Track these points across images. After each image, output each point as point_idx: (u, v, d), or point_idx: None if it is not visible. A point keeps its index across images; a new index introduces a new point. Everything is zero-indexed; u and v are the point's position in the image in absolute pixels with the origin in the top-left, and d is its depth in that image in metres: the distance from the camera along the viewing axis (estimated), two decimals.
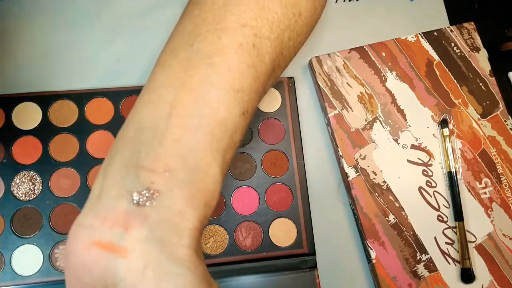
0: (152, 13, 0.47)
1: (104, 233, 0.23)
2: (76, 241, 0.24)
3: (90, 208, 0.25)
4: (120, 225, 0.23)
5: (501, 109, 0.46)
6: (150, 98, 0.27)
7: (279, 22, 0.30)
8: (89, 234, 0.24)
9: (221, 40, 0.28)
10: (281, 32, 0.31)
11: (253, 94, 0.29)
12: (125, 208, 0.24)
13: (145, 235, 0.23)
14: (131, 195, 0.24)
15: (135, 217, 0.23)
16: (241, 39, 0.28)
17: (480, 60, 0.47)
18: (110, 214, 0.24)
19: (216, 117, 0.26)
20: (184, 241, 0.23)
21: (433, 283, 0.42)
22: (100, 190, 0.25)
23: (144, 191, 0.24)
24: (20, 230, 0.40)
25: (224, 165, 0.27)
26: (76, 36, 0.46)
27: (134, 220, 0.23)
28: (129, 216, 0.23)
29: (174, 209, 0.24)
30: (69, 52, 0.46)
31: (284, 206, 0.43)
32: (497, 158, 0.45)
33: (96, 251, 0.23)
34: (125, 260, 0.23)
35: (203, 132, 0.25)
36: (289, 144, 0.45)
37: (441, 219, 0.43)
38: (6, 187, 0.41)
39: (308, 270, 0.41)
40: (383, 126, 0.45)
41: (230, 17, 0.29)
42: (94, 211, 0.24)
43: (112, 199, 0.24)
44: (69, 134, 0.43)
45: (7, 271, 0.39)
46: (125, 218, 0.23)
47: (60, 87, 0.44)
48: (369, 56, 0.46)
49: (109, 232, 0.23)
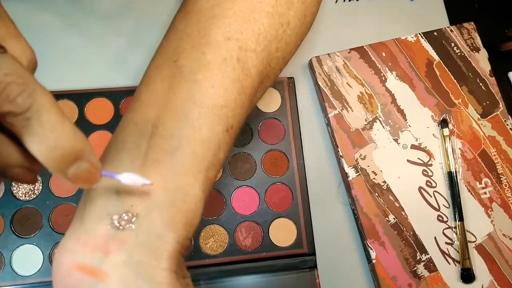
0: (152, 13, 0.47)
1: (85, 257, 0.24)
2: (60, 264, 0.24)
3: (73, 231, 0.25)
4: (100, 249, 0.23)
5: (501, 109, 0.46)
6: (134, 118, 0.27)
7: (266, 33, 0.30)
8: (72, 258, 0.24)
9: (205, 55, 0.27)
10: (268, 43, 0.30)
11: (239, 109, 0.28)
12: (105, 232, 0.24)
13: (123, 260, 0.23)
14: (111, 218, 0.24)
15: (114, 242, 0.24)
16: (225, 54, 0.28)
17: (480, 60, 0.47)
18: (91, 238, 0.24)
19: (198, 136, 0.26)
20: (163, 264, 0.24)
21: (433, 283, 0.42)
22: (83, 212, 0.25)
23: (124, 214, 0.24)
24: (20, 230, 0.40)
25: (206, 183, 0.27)
26: (76, 36, 0.46)
27: (113, 245, 0.24)
28: (108, 240, 0.24)
29: (153, 232, 0.24)
30: (69, 52, 0.46)
31: (284, 206, 0.43)
32: (497, 158, 0.45)
33: (78, 275, 0.23)
34: (105, 285, 0.23)
35: (184, 152, 0.25)
36: (289, 144, 0.45)
37: (441, 219, 0.43)
38: (6, 187, 0.41)
39: (308, 270, 0.41)
40: (383, 126, 0.45)
41: (215, 30, 0.28)
42: (77, 235, 0.24)
43: (93, 223, 0.24)
44: None
45: (7, 271, 0.39)
46: (105, 242, 0.24)
47: (60, 87, 0.44)
48: (369, 56, 0.46)
49: (90, 256, 0.23)
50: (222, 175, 0.44)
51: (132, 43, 0.47)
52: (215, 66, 0.27)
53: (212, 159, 0.27)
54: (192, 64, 0.27)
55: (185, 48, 0.28)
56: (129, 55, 0.46)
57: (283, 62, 0.33)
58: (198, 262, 0.41)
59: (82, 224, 0.25)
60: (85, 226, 0.24)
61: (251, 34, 0.29)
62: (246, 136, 0.45)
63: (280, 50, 0.31)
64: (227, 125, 0.27)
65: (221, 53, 0.28)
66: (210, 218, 0.42)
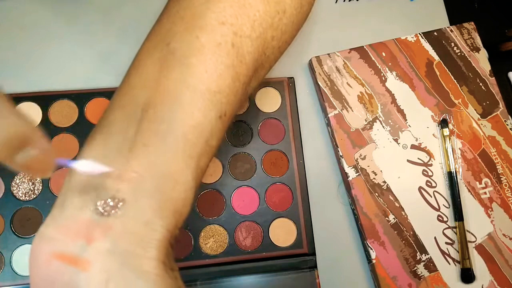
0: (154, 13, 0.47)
1: (66, 245, 0.22)
2: (38, 253, 0.23)
3: (53, 219, 0.23)
4: (83, 236, 0.22)
5: (501, 109, 0.46)
6: (121, 102, 0.26)
7: (262, 20, 0.29)
8: (51, 246, 0.22)
9: (198, 39, 0.26)
10: (263, 30, 0.29)
11: (232, 96, 0.27)
12: (88, 218, 0.22)
13: (108, 248, 0.22)
14: (95, 204, 0.23)
15: (98, 228, 0.22)
16: (219, 38, 0.27)
17: (480, 60, 0.47)
18: (73, 225, 0.22)
19: (190, 121, 0.25)
20: (150, 253, 0.22)
21: (433, 283, 0.42)
22: (64, 198, 0.24)
23: (109, 200, 0.23)
24: (20, 230, 0.40)
25: (198, 171, 0.25)
26: (77, 36, 0.46)
27: (97, 231, 0.22)
28: (91, 227, 0.22)
29: (140, 219, 0.23)
30: (69, 52, 0.46)
31: (284, 206, 0.43)
32: (497, 158, 0.45)
33: (58, 264, 0.22)
34: (87, 274, 0.22)
35: (175, 137, 0.24)
36: (289, 144, 0.45)
37: (441, 219, 0.43)
38: (6, 187, 0.41)
39: (308, 270, 0.41)
40: (383, 126, 0.45)
41: (209, 15, 0.27)
42: (57, 222, 0.23)
43: (75, 209, 0.23)
44: (69, 134, 0.43)
45: (7, 271, 0.39)
46: (88, 229, 0.22)
47: (60, 87, 0.44)
48: (369, 56, 0.46)
49: (71, 244, 0.22)
50: (222, 175, 0.44)
51: (133, 44, 0.47)
52: (209, 50, 0.26)
53: (204, 146, 0.25)
54: (185, 47, 0.26)
55: (178, 31, 0.27)
56: (130, 56, 0.46)
57: (279, 51, 0.33)
58: (198, 262, 0.41)
59: (62, 210, 0.23)
60: (66, 213, 0.23)
61: (246, 20, 0.28)
62: (246, 136, 0.45)
63: (275, 39, 0.31)
64: (220, 112, 0.26)
65: (215, 37, 0.27)
66: (210, 218, 0.42)
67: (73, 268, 0.22)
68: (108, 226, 0.22)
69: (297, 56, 0.48)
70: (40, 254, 0.23)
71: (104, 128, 0.25)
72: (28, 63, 0.45)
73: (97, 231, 0.22)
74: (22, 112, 0.20)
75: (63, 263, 0.22)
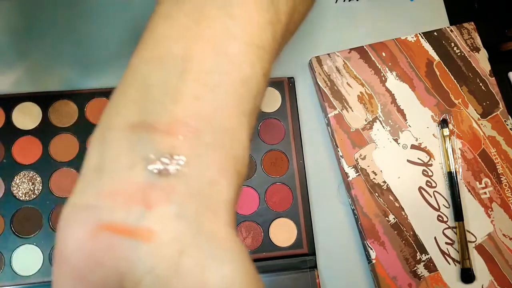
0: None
1: (116, 214, 0.18)
2: (75, 227, 0.18)
3: (89, 184, 0.19)
4: (138, 201, 0.18)
5: (501, 109, 0.46)
6: (152, 54, 0.22)
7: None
8: (94, 216, 0.18)
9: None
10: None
11: (271, 55, 0.24)
12: (143, 179, 0.18)
13: (175, 212, 0.18)
14: (149, 162, 0.18)
15: (158, 191, 0.18)
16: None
17: (480, 60, 0.47)
18: (123, 188, 0.18)
19: (239, 74, 0.22)
20: (222, 218, 0.19)
21: (433, 283, 0.42)
22: (101, 160, 0.19)
23: (166, 157, 0.19)
24: (20, 230, 0.40)
25: (250, 131, 0.22)
26: (77, 36, 0.46)
27: (157, 194, 0.18)
28: (149, 190, 0.18)
29: (205, 179, 0.19)
30: (69, 52, 0.46)
31: (284, 206, 0.43)
32: (497, 158, 0.45)
33: (107, 237, 0.18)
34: (152, 246, 0.17)
35: (227, 90, 0.21)
36: (289, 144, 0.45)
37: (441, 219, 0.43)
38: (6, 187, 0.41)
39: (308, 270, 0.41)
40: (383, 126, 0.45)
41: None
42: (97, 187, 0.19)
43: (122, 170, 0.18)
44: (69, 134, 0.43)
45: (7, 271, 0.39)
46: (144, 193, 0.18)
47: (60, 87, 0.44)
48: (369, 56, 0.46)
49: (123, 212, 0.18)
50: None
51: (134, 44, 0.47)
52: (251, 1, 0.23)
53: (253, 103, 0.22)
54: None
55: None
56: (130, 55, 0.46)
57: (300, 20, 0.30)
58: None
59: (102, 173, 0.19)
60: (110, 174, 0.19)
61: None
62: None
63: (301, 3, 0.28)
64: (264, 69, 0.23)
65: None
66: None
67: (130, 240, 0.18)
68: (170, 187, 0.18)
69: (297, 56, 0.48)
70: (79, 227, 0.18)
71: (135, 82, 0.21)
72: (28, 63, 0.45)
73: (157, 194, 0.18)
74: None
75: (115, 235, 0.18)
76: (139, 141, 0.19)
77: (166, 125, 0.19)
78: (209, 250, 0.18)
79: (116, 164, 0.19)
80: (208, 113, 0.20)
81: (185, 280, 0.17)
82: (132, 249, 0.18)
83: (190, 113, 0.20)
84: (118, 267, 0.18)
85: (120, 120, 0.20)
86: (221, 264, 0.18)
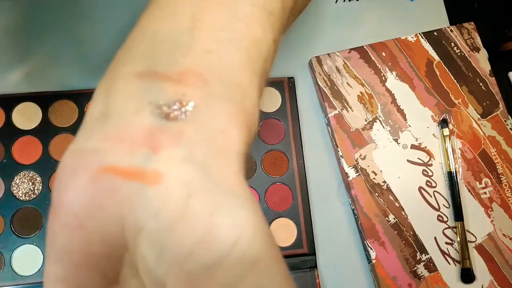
0: None
1: (120, 156, 0.17)
2: (76, 172, 0.17)
3: (92, 129, 0.18)
4: (145, 144, 0.17)
5: (501, 109, 0.46)
6: (162, 13, 0.21)
7: None
8: (97, 160, 0.17)
9: None
10: None
11: (280, 24, 0.24)
12: (150, 123, 0.17)
13: (183, 156, 0.17)
14: (157, 107, 0.18)
15: (166, 134, 0.17)
16: None
17: (480, 60, 0.47)
18: (128, 131, 0.17)
19: (251, 34, 0.21)
20: (233, 166, 0.18)
21: (433, 283, 0.42)
22: (106, 106, 0.18)
23: (174, 105, 0.18)
24: (20, 230, 0.40)
25: (260, 92, 0.21)
26: (77, 36, 0.46)
27: (165, 138, 0.17)
28: (156, 133, 0.17)
29: (215, 125, 0.18)
30: (69, 52, 0.46)
31: (284, 206, 0.43)
32: (497, 158, 0.45)
33: (110, 180, 0.17)
34: (158, 188, 0.16)
35: (238, 47, 0.20)
36: (289, 144, 0.45)
37: (441, 219, 0.43)
38: (6, 187, 0.41)
39: (308, 270, 0.41)
40: (383, 126, 0.45)
41: None
42: (102, 131, 0.18)
43: (128, 114, 0.18)
44: (69, 134, 0.43)
45: (7, 271, 0.39)
46: (152, 136, 0.17)
47: (60, 87, 0.44)
48: (369, 56, 0.46)
49: (127, 155, 0.17)
50: None
51: None
52: None
53: (263, 66, 0.22)
54: None
55: None
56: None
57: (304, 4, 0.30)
58: None
59: (108, 118, 0.18)
60: (115, 118, 0.18)
61: None
62: None
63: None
64: (274, 35, 0.23)
65: None
66: None
67: (135, 182, 0.17)
68: (179, 131, 0.17)
69: (297, 56, 0.48)
70: (78, 172, 0.17)
71: (145, 37, 0.20)
72: (28, 63, 0.45)
73: (165, 137, 0.17)
74: None
75: (119, 177, 0.17)
76: (148, 88, 0.18)
77: (176, 74, 0.19)
78: (220, 195, 0.17)
79: (122, 109, 0.18)
80: (220, 67, 0.19)
81: (191, 224, 0.16)
82: (136, 193, 0.17)
83: (201, 65, 0.19)
84: (119, 212, 0.17)
85: (127, 69, 0.19)
86: (233, 209, 0.17)
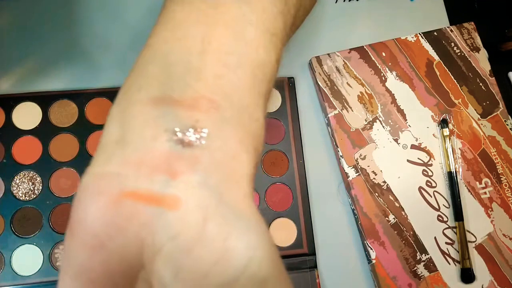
0: (157, 11, 0.47)
1: (140, 182, 0.18)
2: (97, 195, 0.18)
3: (111, 154, 0.19)
4: (163, 170, 0.18)
5: (501, 109, 0.46)
6: (173, 35, 0.22)
7: None
8: (118, 184, 0.18)
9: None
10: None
11: (282, 43, 0.25)
12: (166, 149, 0.18)
13: (199, 181, 0.18)
14: (174, 134, 0.19)
15: (182, 161, 0.18)
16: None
17: (480, 60, 0.47)
18: (147, 158, 0.18)
19: (256, 57, 0.22)
20: (243, 190, 0.19)
21: (433, 283, 0.42)
22: (123, 132, 0.19)
23: (188, 131, 0.19)
24: (20, 230, 0.40)
25: (265, 113, 0.23)
26: (77, 36, 0.46)
27: (182, 164, 0.18)
28: (173, 160, 0.18)
29: (227, 151, 0.19)
30: (69, 52, 0.46)
31: (284, 206, 0.43)
32: (497, 158, 0.45)
33: (130, 205, 0.18)
34: (178, 213, 0.18)
35: (245, 71, 0.22)
36: (289, 144, 0.45)
37: (441, 219, 0.43)
38: (6, 187, 0.41)
39: (308, 270, 0.41)
40: (383, 126, 0.45)
41: None
42: (121, 157, 0.19)
43: (146, 141, 0.19)
44: (69, 134, 0.43)
45: (7, 271, 0.39)
46: (169, 162, 0.18)
47: (60, 87, 0.44)
48: (369, 56, 0.46)
49: (147, 180, 0.18)
50: None
51: (134, 43, 0.47)
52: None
53: (268, 86, 0.23)
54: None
55: None
56: (130, 55, 0.46)
57: (304, 15, 0.31)
58: None
59: (126, 144, 0.19)
60: (133, 145, 0.19)
61: None
62: None
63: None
64: (277, 55, 0.24)
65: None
66: None
67: (155, 207, 0.18)
68: (195, 158, 0.19)
69: (297, 56, 0.48)
70: (99, 195, 0.18)
71: (156, 60, 0.21)
72: (28, 63, 0.45)
73: (182, 164, 0.18)
74: None
75: (139, 202, 0.18)
76: (163, 115, 0.19)
77: (189, 100, 0.20)
78: (233, 219, 0.18)
79: (140, 136, 0.19)
80: (229, 91, 0.21)
81: (208, 247, 0.17)
82: (157, 216, 0.18)
83: (213, 90, 0.20)
84: (139, 234, 0.18)
85: (142, 94, 0.20)
86: (245, 233, 0.18)
